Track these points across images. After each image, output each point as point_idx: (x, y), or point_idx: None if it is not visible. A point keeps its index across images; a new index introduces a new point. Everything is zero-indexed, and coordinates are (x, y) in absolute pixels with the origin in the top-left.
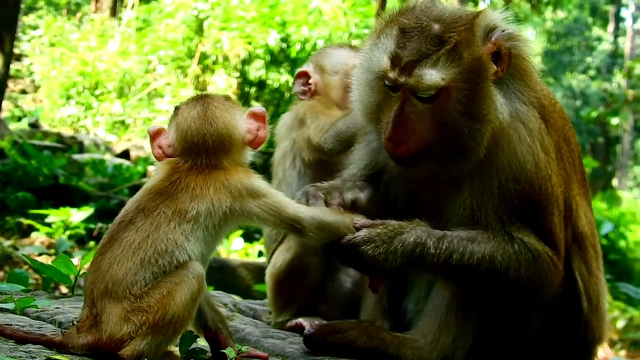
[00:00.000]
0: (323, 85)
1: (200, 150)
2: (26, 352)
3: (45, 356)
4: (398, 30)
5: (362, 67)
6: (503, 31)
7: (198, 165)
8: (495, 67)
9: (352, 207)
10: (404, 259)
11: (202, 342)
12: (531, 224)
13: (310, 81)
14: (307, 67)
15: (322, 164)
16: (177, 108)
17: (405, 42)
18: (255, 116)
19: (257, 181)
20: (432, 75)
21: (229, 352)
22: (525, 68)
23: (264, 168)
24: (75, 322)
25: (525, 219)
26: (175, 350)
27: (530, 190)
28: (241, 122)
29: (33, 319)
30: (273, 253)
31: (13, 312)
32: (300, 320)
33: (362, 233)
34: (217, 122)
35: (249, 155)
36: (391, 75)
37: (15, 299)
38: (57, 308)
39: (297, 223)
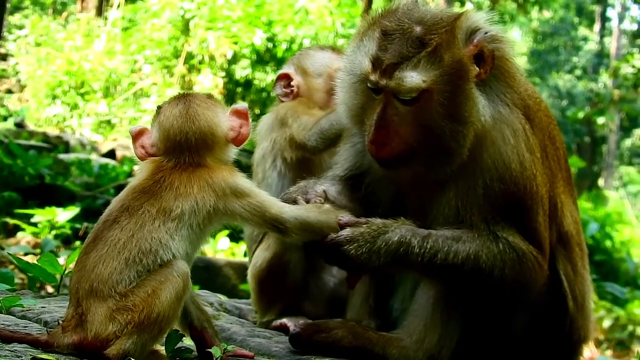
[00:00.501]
0: (306, 87)
1: (183, 148)
2: (12, 351)
3: (31, 355)
4: (380, 33)
5: (345, 69)
6: (486, 33)
7: (182, 163)
8: (477, 69)
9: (325, 198)
10: (388, 258)
11: (188, 342)
12: (516, 223)
13: (292, 83)
14: (288, 69)
15: (303, 164)
16: (159, 107)
17: (387, 45)
18: (237, 113)
19: (241, 180)
20: (413, 78)
21: (215, 351)
22: (509, 69)
23: (249, 167)
24: (60, 322)
25: (510, 219)
26: (161, 349)
27: (515, 190)
28: (223, 119)
29: (19, 318)
30: (253, 253)
31: None
32: (285, 320)
33: (346, 232)
34: (199, 120)
35: (233, 152)
36: (373, 78)
37: (1, 298)
38: (42, 307)
39: (279, 223)
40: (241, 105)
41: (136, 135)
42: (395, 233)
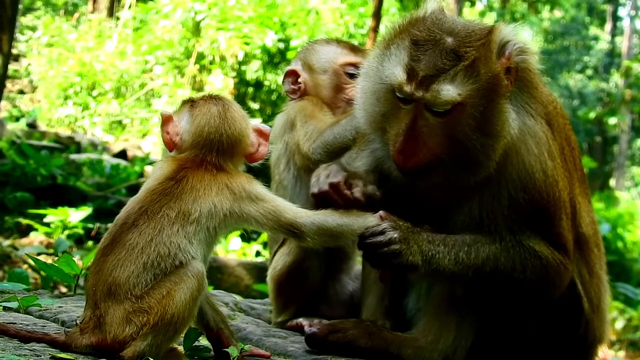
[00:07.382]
0: (312, 84)
1: (213, 148)
2: (31, 350)
3: (50, 354)
4: (410, 42)
5: (368, 76)
6: (515, 45)
7: (206, 162)
8: (507, 81)
9: (370, 201)
10: (415, 257)
11: (204, 342)
12: (541, 230)
13: (299, 80)
14: (295, 65)
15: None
16: (192, 101)
17: (420, 55)
18: (259, 132)
19: (259, 187)
20: (449, 91)
21: (232, 350)
22: (532, 80)
23: (260, 171)
24: (78, 322)
25: (534, 226)
26: (180, 348)
27: (539, 199)
28: (250, 132)
29: (36, 318)
30: (275, 254)
31: (16, 310)
32: (301, 320)
33: (381, 227)
34: (235, 125)
35: (242, 167)
36: (407, 88)
37: (19, 298)
38: (59, 307)
39: (295, 228)
40: (265, 126)
41: (165, 120)
42: (422, 234)
